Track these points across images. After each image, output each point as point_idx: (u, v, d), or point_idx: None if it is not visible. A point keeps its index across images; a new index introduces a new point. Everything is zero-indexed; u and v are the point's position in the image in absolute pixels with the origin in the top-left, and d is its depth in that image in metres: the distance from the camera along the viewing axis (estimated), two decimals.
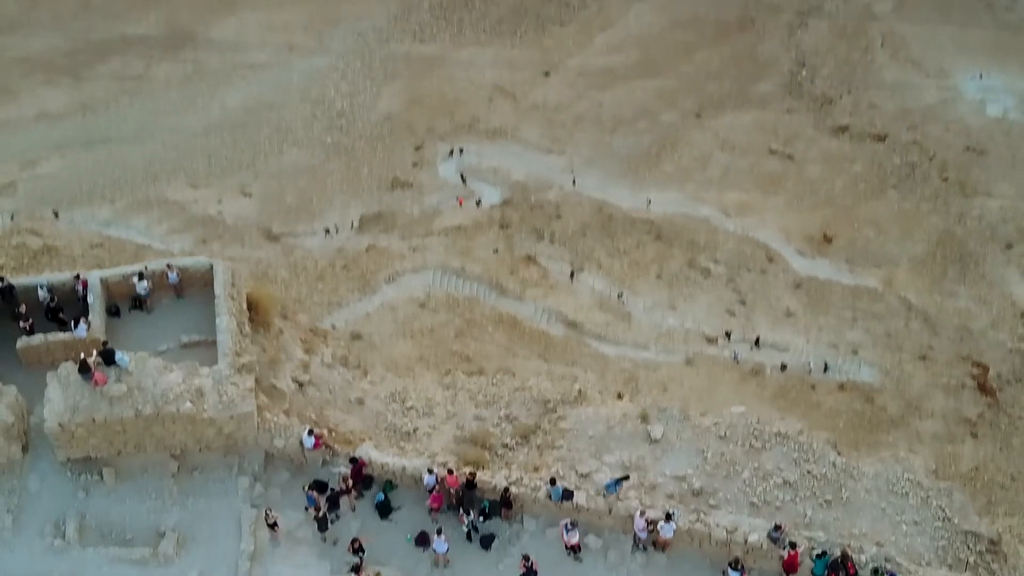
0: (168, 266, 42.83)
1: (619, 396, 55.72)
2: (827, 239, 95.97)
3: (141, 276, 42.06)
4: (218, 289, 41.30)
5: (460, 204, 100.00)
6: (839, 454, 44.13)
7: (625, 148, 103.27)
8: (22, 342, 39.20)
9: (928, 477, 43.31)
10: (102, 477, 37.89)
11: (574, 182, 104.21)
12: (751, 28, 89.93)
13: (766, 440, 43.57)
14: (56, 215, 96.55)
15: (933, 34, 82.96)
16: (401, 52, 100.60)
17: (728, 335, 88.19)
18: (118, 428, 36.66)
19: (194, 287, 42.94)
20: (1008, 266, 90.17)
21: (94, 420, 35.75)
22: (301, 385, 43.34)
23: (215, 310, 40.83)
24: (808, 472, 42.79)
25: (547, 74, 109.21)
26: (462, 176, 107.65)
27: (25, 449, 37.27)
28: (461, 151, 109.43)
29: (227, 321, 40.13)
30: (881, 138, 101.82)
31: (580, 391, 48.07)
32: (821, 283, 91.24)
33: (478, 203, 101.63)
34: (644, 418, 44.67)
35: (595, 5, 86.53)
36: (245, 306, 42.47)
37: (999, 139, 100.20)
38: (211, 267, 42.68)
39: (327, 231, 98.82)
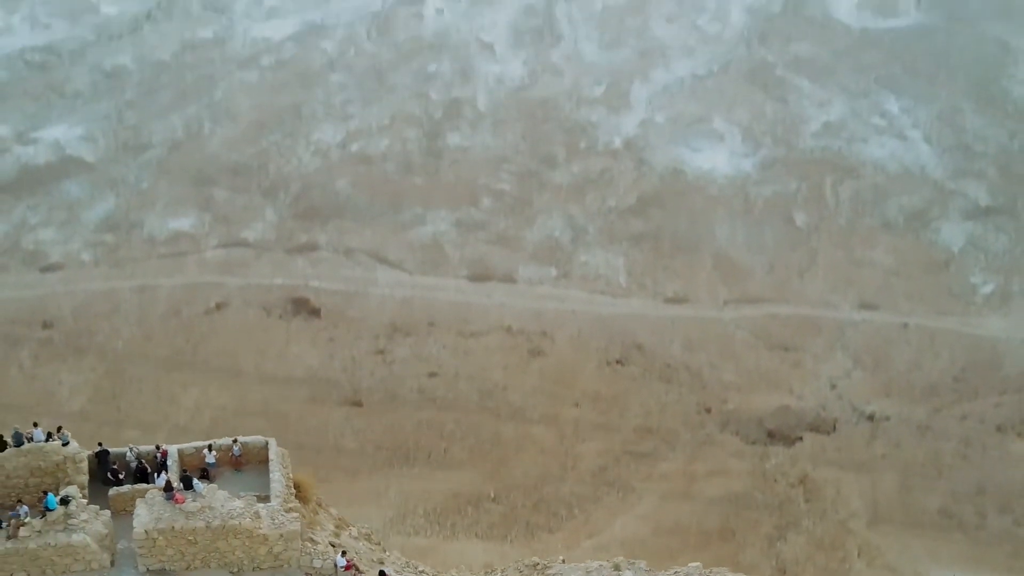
0: (233, 441, 49.52)
1: None
2: None
3: (210, 448, 48.98)
4: (272, 454, 48.63)
5: None
6: None
7: None
8: (113, 491, 45.90)
9: None
10: None
11: None
12: (732, 538, 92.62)
13: None
14: None
15: (907, 545, 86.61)
16: (396, 544, 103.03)
17: None
18: (191, 538, 42.82)
19: (251, 463, 49.64)
20: None
21: (172, 528, 42.59)
22: (333, 546, 47.70)
23: (269, 473, 47.32)
24: None
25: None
26: None
27: (113, 563, 43.26)
28: None
29: (279, 476, 47.17)
30: None
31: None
32: None
33: None
34: (617, 568, 46.98)
35: (582, 516, 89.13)
36: (292, 480, 48.15)
37: None
38: (267, 444, 49.48)
39: None
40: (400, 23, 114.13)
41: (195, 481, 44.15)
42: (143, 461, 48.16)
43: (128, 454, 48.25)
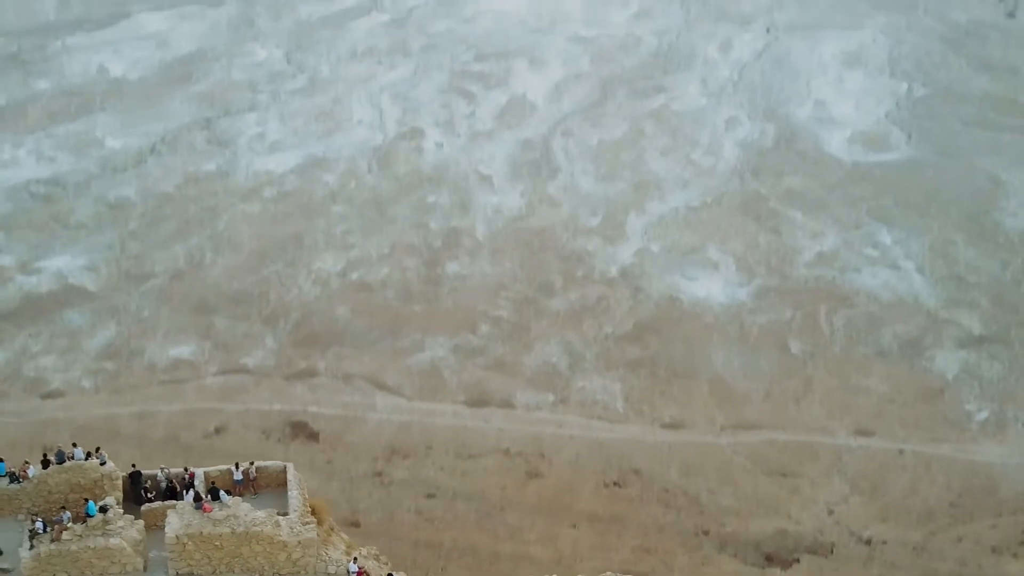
0: (251, 463, 54.35)
1: None
2: None
3: (237, 466, 53.78)
4: (290, 475, 53.20)
5: None
6: None
7: None
8: (145, 506, 50.54)
9: None
10: None
11: None
12: None
13: None
14: None
15: None
16: None
17: None
18: (217, 543, 47.89)
19: (269, 487, 54.10)
20: None
21: (201, 533, 47.46)
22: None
23: (288, 492, 51.98)
24: None
25: None
26: None
27: (145, 568, 48.15)
28: None
29: (296, 494, 51.79)
30: None
31: None
32: None
33: None
34: None
35: None
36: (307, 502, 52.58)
37: None
38: (284, 467, 54.33)
39: None
40: (401, 156, 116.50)
41: (222, 493, 49.46)
42: (172, 481, 52.86)
43: (159, 475, 53.35)
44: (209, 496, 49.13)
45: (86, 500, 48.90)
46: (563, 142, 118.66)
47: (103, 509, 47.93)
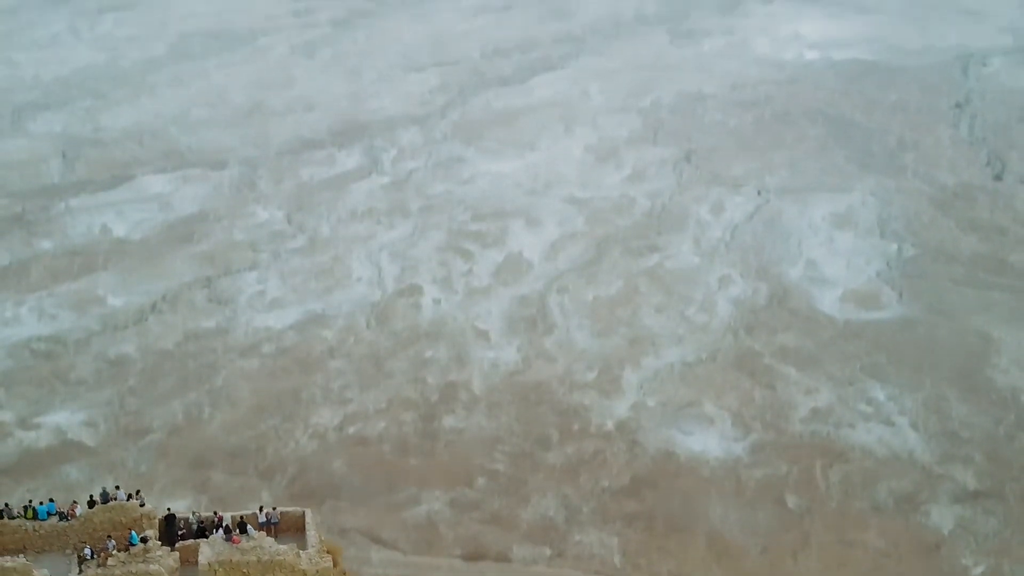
0: (273, 508, 60.06)
1: None
2: None
3: (261, 509, 59.52)
4: (308, 519, 58.66)
5: None
6: None
7: None
8: (179, 544, 55.27)
9: None
10: None
11: None
12: None
13: None
14: None
15: None
16: None
17: None
18: (244, 570, 53.42)
19: (290, 531, 58.95)
20: None
21: (230, 561, 53.29)
22: None
23: (306, 532, 57.46)
24: None
25: None
26: None
27: None
28: None
29: (314, 534, 57.37)
30: None
31: None
32: None
33: None
34: None
35: None
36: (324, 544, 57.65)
37: None
38: (303, 513, 59.58)
39: None
40: (398, 312, 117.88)
41: (249, 527, 56.02)
42: (203, 523, 58.36)
43: (191, 517, 59.06)
44: (238, 530, 55.51)
45: (129, 531, 55.27)
46: (559, 299, 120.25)
47: (143, 539, 53.74)
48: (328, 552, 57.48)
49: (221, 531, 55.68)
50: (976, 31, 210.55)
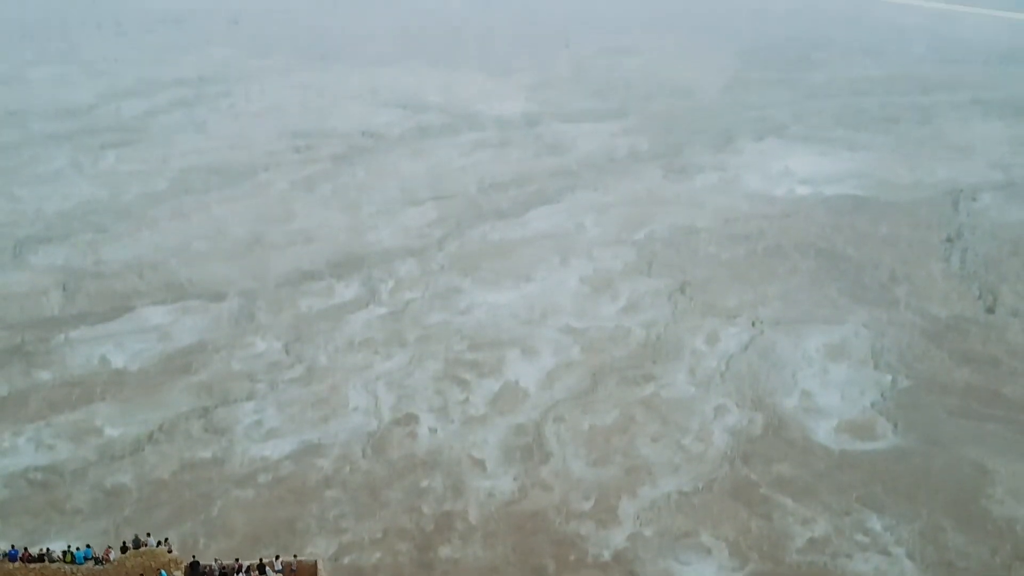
0: (294, 556, 68.47)
1: None
2: None
3: (277, 557, 67.88)
4: (320, 568, 67.49)
5: None
6: None
7: None
8: None
9: None
10: None
11: None
12: None
13: None
14: None
15: None
16: None
17: None
18: None
19: None
20: None
21: None
22: None
23: None
24: None
25: None
26: None
27: None
28: None
29: None
30: None
31: None
32: None
33: None
34: None
35: None
36: None
37: None
38: (316, 562, 68.22)
39: None
40: (395, 442, 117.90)
41: (267, 569, 64.33)
42: (225, 570, 65.78)
43: (213, 564, 66.48)
44: (257, 571, 63.39)
45: (158, 572, 62.57)
46: (555, 428, 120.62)
47: None
48: None
49: (242, 574, 63.19)
50: (966, 167, 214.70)
